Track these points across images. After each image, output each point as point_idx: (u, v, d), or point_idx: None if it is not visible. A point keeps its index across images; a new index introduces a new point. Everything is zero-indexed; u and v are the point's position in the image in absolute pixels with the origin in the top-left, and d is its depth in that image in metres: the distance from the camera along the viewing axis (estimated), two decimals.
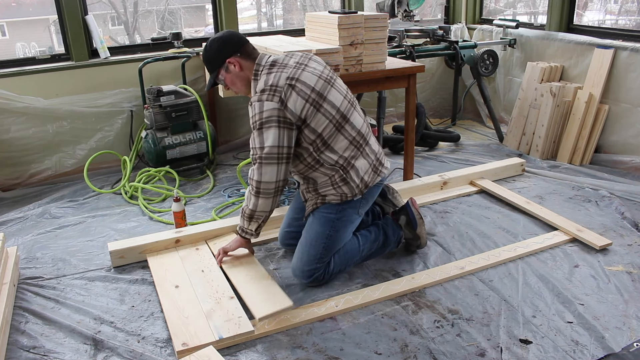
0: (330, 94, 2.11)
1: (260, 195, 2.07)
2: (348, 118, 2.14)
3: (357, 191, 2.18)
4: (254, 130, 2.04)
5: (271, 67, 2.09)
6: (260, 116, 2.00)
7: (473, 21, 4.54)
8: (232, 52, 2.12)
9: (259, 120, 2.01)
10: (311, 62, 2.16)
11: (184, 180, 3.38)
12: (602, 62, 3.38)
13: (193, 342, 1.84)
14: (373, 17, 2.77)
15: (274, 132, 2.00)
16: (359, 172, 2.17)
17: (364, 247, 2.29)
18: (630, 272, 2.24)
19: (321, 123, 2.07)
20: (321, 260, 2.16)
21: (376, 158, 2.25)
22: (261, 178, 2.04)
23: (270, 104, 1.99)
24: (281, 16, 6.86)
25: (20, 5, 6.83)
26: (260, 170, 2.04)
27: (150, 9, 6.36)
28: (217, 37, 2.16)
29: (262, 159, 2.02)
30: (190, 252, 2.45)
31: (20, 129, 3.33)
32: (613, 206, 2.82)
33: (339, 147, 2.12)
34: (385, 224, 2.38)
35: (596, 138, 3.44)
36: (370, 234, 2.33)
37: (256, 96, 2.03)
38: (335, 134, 2.11)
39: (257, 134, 2.02)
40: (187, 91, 3.50)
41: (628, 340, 1.84)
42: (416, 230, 2.37)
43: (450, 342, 1.86)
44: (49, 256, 2.52)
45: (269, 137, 2.00)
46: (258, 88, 2.07)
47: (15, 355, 1.87)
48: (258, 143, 2.03)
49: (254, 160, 2.05)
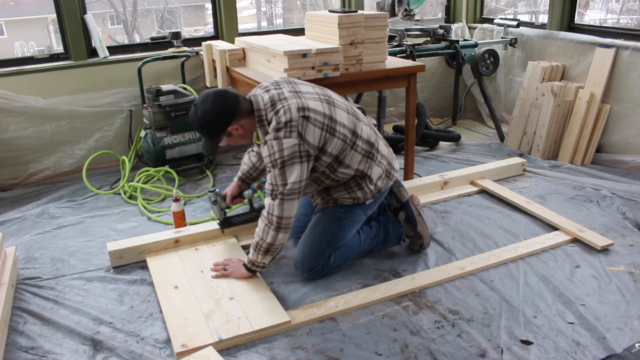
0: (337, 114, 2.10)
1: (281, 230, 2.02)
2: (357, 133, 2.14)
3: (369, 196, 2.22)
4: (274, 168, 1.98)
5: (273, 106, 2.02)
6: (281, 154, 1.96)
7: (474, 20, 4.53)
8: (231, 118, 2.02)
9: (280, 159, 1.96)
10: (301, 86, 2.13)
11: (183, 180, 3.37)
12: (603, 62, 3.37)
13: (192, 343, 1.83)
14: (373, 16, 2.76)
15: (297, 169, 1.97)
16: (373, 179, 2.20)
17: (364, 242, 2.31)
18: (632, 272, 2.23)
19: (337, 146, 2.08)
20: (323, 255, 2.20)
21: (388, 163, 2.27)
22: (283, 214, 1.99)
23: (289, 140, 1.95)
24: (281, 15, 6.86)
25: (18, 4, 6.82)
26: (282, 206, 1.98)
27: (149, 8, 6.35)
28: (209, 107, 2.00)
29: (284, 195, 1.98)
30: (189, 253, 2.44)
31: (19, 129, 3.32)
32: (614, 206, 2.81)
33: (353, 162, 2.14)
34: (387, 220, 2.40)
35: (597, 138, 3.43)
36: (371, 229, 2.34)
37: (272, 134, 1.98)
38: (350, 152, 2.11)
39: (279, 172, 1.97)
40: (187, 91, 3.49)
41: (629, 341, 1.83)
42: (417, 229, 2.37)
43: (450, 342, 1.85)
44: (48, 256, 2.51)
45: (292, 174, 1.97)
46: (271, 129, 1.99)
47: (13, 356, 1.86)
48: (280, 180, 1.97)
49: (275, 196, 1.99)
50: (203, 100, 2.02)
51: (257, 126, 2.07)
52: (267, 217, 2.03)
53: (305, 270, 2.21)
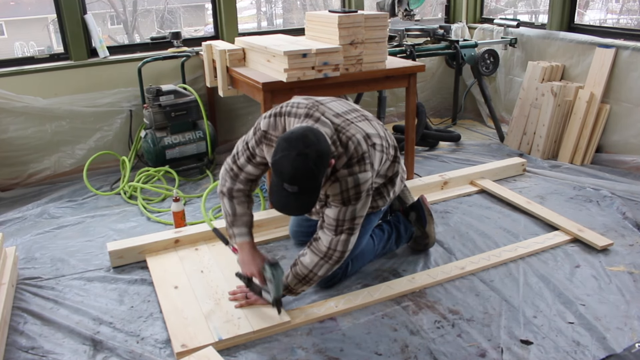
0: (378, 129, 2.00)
1: (338, 263, 1.92)
2: (389, 140, 2.06)
3: (388, 201, 2.20)
4: (345, 205, 1.82)
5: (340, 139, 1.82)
6: (356, 190, 1.81)
7: (474, 20, 4.53)
8: (331, 155, 1.78)
9: (355, 195, 1.81)
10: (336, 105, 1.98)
11: (183, 180, 3.37)
12: (603, 62, 3.37)
13: (192, 343, 1.83)
14: (373, 16, 2.76)
15: (366, 202, 1.87)
16: (394, 185, 2.17)
17: (378, 246, 2.31)
18: (632, 272, 2.23)
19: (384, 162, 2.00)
20: (341, 266, 2.13)
21: (401, 165, 2.23)
22: (347, 247, 1.89)
23: (365, 175, 1.82)
24: (281, 15, 6.86)
25: (18, 4, 6.82)
26: (348, 240, 1.87)
27: (149, 8, 6.35)
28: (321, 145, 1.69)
29: (352, 230, 1.87)
30: (189, 253, 2.44)
31: (19, 129, 3.32)
32: (614, 206, 2.81)
33: (384, 169, 2.06)
34: (397, 221, 2.39)
35: (597, 138, 3.43)
36: (383, 233, 2.34)
37: (344, 170, 1.80)
38: (385, 161, 2.02)
39: (351, 210, 1.83)
40: (187, 91, 3.49)
41: (629, 341, 1.83)
42: (425, 228, 2.38)
43: (450, 342, 1.85)
44: (48, 256, 2.51)
45: (362, 209, 1.86)
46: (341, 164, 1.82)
47: (13, 356, 1.86)
48: (350, 216, 1.84)
49: (340, 231, 1.85)
50: (307, 144, 1.66)
51: None
52: (326, 252, 1.88)
53: (324, 282, 2.15)
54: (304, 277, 1.93)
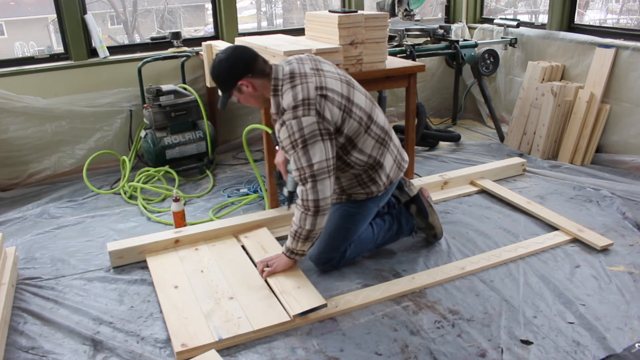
0: (355, 96, 2.11)
1: (319, 214, 2.00)
2: (373, 117, 2.16)
3: (382, 188, 2.24)
4: (297, 149, 1.96)
5: (292, 80, 2.02)
6: (301, 133, 1.94)
7: (474, 20, 4.53)
8: (242, 73, 2.03)
9: (300, 138, 1.94)
10: (324, 65, 2.14)
11: (183, 180, 3.37)
12: (603, 62, 3.37)
13: (192, 342, 1.83)
14: (373, 16, 2.76)
15: (320, 147, 1.95)
16: (386, 169, 2.21)
17: (378, 235, 2.35)
18: (632, 272, 2.23)
19: (352, 127, 2.07)
20: (338, 249, 2.24)
21: (398, 152, 2.30)
22: (318, 196, 1.97)
23: (308, 119, 1.94)
24: (281, 15, 6.85)
25: (19, 5, 6.82)
26: (315, 188, 1.97)
27: (149, 8, 6.35)
28: (225, 56, 2.05)
29: (315, 177, 1.96)
30: (189, 253, 2.44)
31: (19, 129, 3.32)
32: (614, 206, 2.81)
33: (366, 147, 2.13)
34: (399, 213, 2.44)
35: (597, 138, 3.43)
36: (384, 223, 2.38)
37: (290, 113, 1.97)
38: (364, 135, 2.11)
39: (302, 152, 1.95)
40: (187, 91, 3.49)
41: (629, 341, 1.83)
42: (428, 220, 2.41)
43: (450, 342, 1.85)
44: (48, 256, 2.51)
45: (316, 153, 1.95)
46: (286, 104, 1.99)
47: (13, 356, 1.86)
48: (305, 161, 1.96)
49: (305, 180, 1.98)
50: (223, 51, 2.06)
51: (270, 94, 2.06)
52: (303, 204, 2.01)
53: (321, 264, 2.26)
54: (295, 233, 2.07)
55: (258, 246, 2.47)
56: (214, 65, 2.07)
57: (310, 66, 2.09)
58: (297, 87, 1.99)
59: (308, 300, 2.01)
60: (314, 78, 2.03)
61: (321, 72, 2.07)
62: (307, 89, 1.98)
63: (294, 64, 2.09)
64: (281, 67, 2.08)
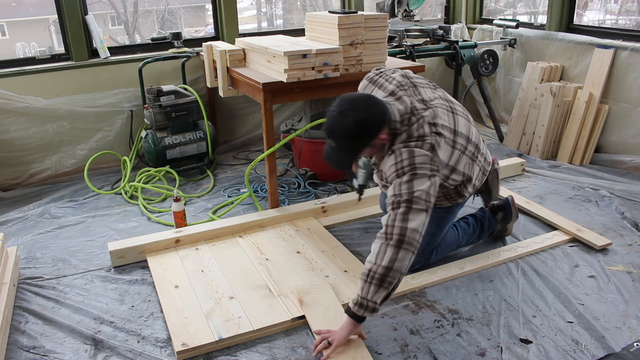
0: (458, 124, 2.00)
1: (402, 247, 1.68)
2: (470, 138, 2.05)
3: (467, 196, 2.21)
4: (400, 177, 1.78)
5: (409, 120, 1.88)
6: (411, 162, 1.79)
7: (473, 21, 4.54)
8: (383, 126, 1.81)
9: (409, 166, 1.78)
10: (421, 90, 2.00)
11: (184, 180, 3.38)
12: (602, 62, 3.38)
13: (193, 342, 1.84)
14: (373, 16, 2.77)
15: (426, 182, 1.77)
16: (472, 181, 2.14)
17: (462, 238, 2.38)
18: (631, 272, 2.24)
19: (455, 157, 1.98)
20: (423, 254, 2.23)
21: (484, 159, 2.21)
22: (407, 224, 1.69)
23: (421, 150, 1.81)
24: (281, 16, 6.85)
25: (20, 5, 6.82)
26: (407, 215, 1.70)
27: (150, 8, 6.35)
28: (364, 113, 1.77)
29: (410, 203, 1.72)
30: (190, 252, 2.45)
31: (20, 129, 3.33)
32: (613, 206, 2.82)
33: (460, 166, 2.02)
34: (483, 217, 2.45)
35: (596, 138, 3.44)
36: (468, 226, 2.41)
37: (400, 145, 1.84)
38: (461, 157, 2.01)
39: (406, 180, 1.76)
40: (187, 91, 3.50)
41: (628, 340, 1.84)
42: (507, 224, 2.48)
43: (450, 341, 1.86)
44: (49, 256, 2.52)
45: (421, 185, 1.76)
46: (399, 141, 1.86)
47: (15, 355, 1.87)
48: (406, 189, 1.75)
49: (396, 205, 1.74)
50: (352, 107, 1.78)
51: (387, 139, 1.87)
52: (384, 231, 1.73)
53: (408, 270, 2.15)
54: (368, 273, 1.70)
55: (254, 247, 2.48)
56: (349, 124, 1.77)
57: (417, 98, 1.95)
58: (412, 126, 1.86)
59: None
60: (427, 112, 1.90)
61: (427, 103, 1.94)
62: (421, 127, 1.86)
63: (405, 98, 1.92)
64: (395, 105, 1.89)
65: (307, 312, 1.96)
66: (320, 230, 2.62)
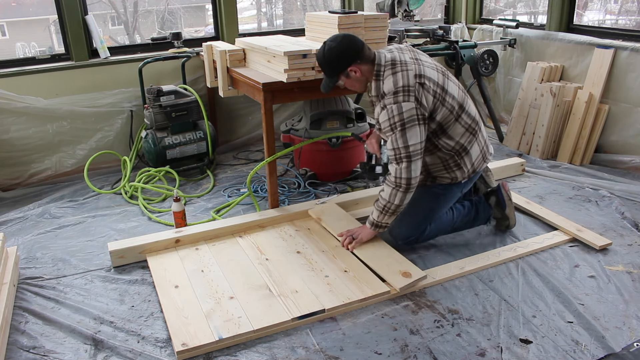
0: (449, 86, 2.24)
1: (409, 190, 2.18)
2: (464, 107, 2.29)
3: (466, 175, 2.36)
4: (395, 131, 2.13)
5: (393, 67, 2.17)
6: (400, 117, 2.11)
7: (473, 21, 4.54)
8: (353, 59, 2.19)
9: (399, 121, 2.11)
10: (421, 55, 2.29)
11: (184, 180, 3.38)
12: (602, 62, 3.38)
13: (193, 342, 1.84)
14: (373, 17, 2.77)
15: (416, 130, 2.12)
16: (472, 158, 2.34)
17: (456, 219, 2.48)
18: (631, 272, 2.24)
19: (444, 114, 2.21)
20: (419, 227, 2.39)
21: (485, 144, 2.43)
22: (411, 174, 2.15)
23: (408, 104, 2.11)
24: (281, 16, 6.86)
25: (20, 5, 6.83)
26: (409, 167, 2.14)
27: (150, 8, 6.36)
28: (336, 44, 2.20)
29: (410, 157, 2.14)
30: (190, 252, 2.45)
31: (20, 129, 3.33)
32: (613, 206, 2.82)
33: (455, 134, 2.27)
34: (478, 202, 2.56)
35: (596, 138, 3.44)
36: (463, 208, 2.51)
37: (390, 98, 2.13)
38: (454, 123, 2.25)
39: (400, 134, 2.12)
40: (187, 91, 3.50)
41: (628, 340, 1.84)
42: (505, 211, 2.54)
43: (450, 342, 1.86)
44: (49, 256, 2.52)
45: (412, 136, 2.12)
46: (387, 89, 2.15)
47: (15, 355, 1.87)
48: (402, 142, 2.12)
49: (400, 159, 2.15)
50: (333, 39, 2.22)
51: (372, 79, 2.21)
52: (395, 181, 2.18)
53: (400, 239, 2.39)
54: (384, 207, 2.24)
55: (254, 247, 2.48)
56: (324, 51, 2.22)
57: (410, 55, 2.25)
58: (397, 74, 2.15)
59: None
60: (414, 66, 2.17)
61: (419, 61, 2.21)
62: (407, 77, 2.14)
63: (395, 52, 2.25)
64: (383, 54, 2.23)
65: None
66: (320, 230, 2.62)
